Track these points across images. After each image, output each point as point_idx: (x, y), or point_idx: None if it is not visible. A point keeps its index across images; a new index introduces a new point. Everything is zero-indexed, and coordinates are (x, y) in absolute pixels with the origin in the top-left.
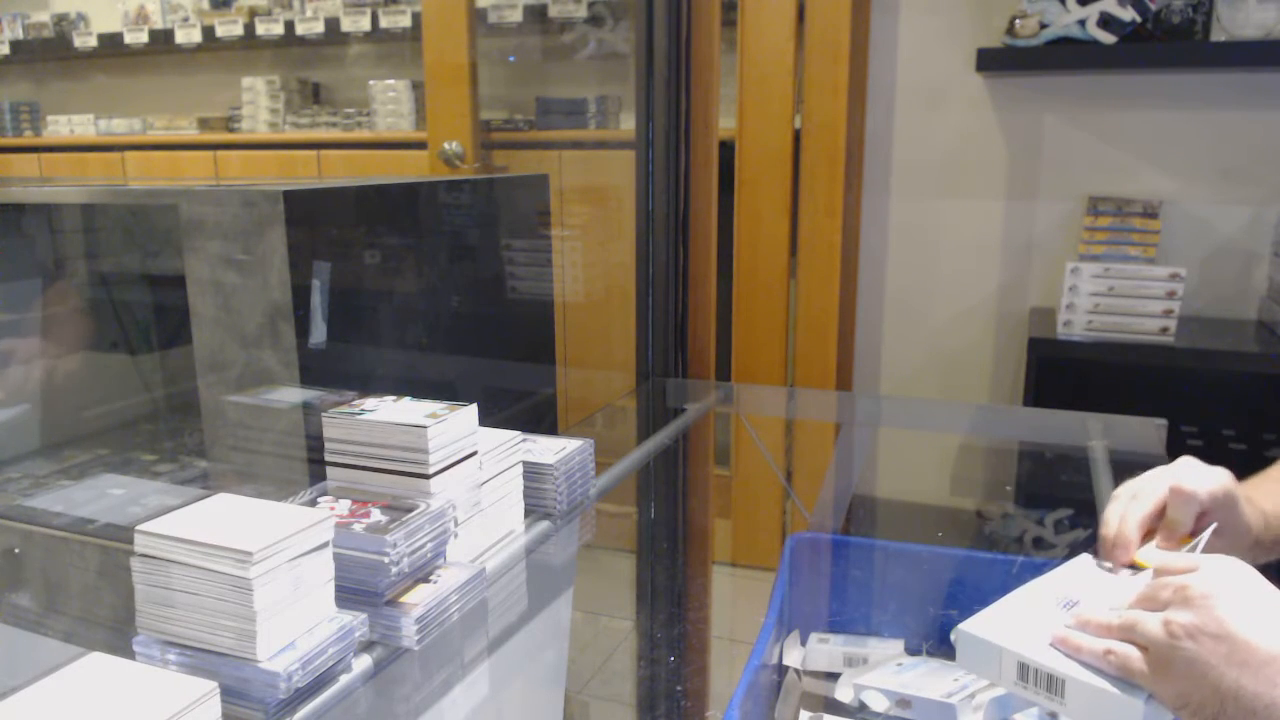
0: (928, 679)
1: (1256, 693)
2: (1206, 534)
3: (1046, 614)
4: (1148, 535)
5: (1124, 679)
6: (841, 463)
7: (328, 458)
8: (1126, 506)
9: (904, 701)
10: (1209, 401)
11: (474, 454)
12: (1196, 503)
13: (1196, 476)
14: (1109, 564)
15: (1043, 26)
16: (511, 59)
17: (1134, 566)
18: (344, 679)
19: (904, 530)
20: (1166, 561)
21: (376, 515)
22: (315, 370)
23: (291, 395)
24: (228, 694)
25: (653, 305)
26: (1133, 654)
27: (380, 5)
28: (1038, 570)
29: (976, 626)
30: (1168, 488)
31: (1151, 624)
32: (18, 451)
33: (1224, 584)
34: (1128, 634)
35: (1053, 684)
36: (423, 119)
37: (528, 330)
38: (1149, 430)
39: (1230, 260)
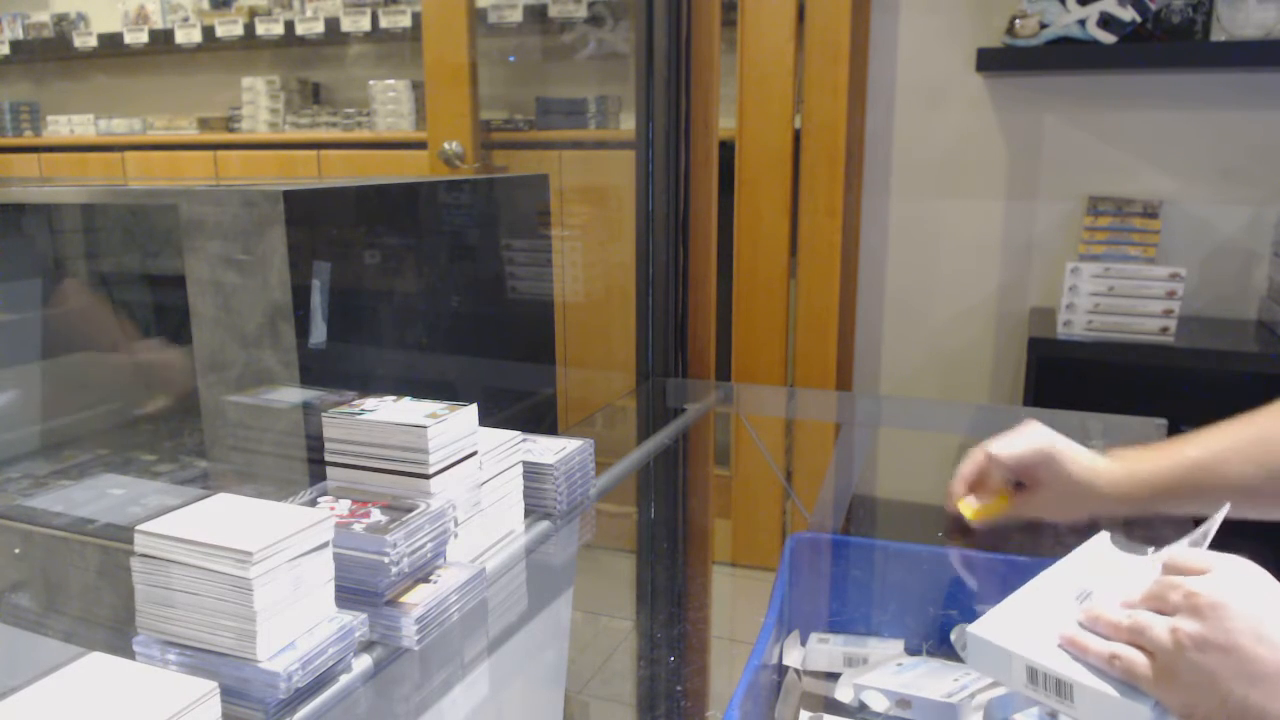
0: (928, 679)
1: (1264, 706)
2: (1216, 520)
3: (1059, 608)
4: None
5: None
6: (841, 463)
7: (328, 458)
8: (960, 467)
9: (904, 701)
10: (1209, 401)
11: (474, 454)
12: (1003, 466)
13: (1006, 443)
14: (1125, 542)
15: (1043, 26)
16: (511, 59)
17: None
18: (344, 679)
19: (904, 530)
20: (1176, 557)
21: (376, 515)
22: (315, 370)
23: (291, 395)
24: (228, 694)
25: (653, 305)
26: (1139, 660)
27: (380, 5)
28: (1038, 570)
29: (986, 629)
30: (985, 452)
31: (1159, 630)
32: (18, 451)
33: (1234, 592)
34: (1136, 638)
35: (1061, 688)
36: (423, 119)
37: (528, 330)
38: (1149, 430)
39: (1230, 260)
